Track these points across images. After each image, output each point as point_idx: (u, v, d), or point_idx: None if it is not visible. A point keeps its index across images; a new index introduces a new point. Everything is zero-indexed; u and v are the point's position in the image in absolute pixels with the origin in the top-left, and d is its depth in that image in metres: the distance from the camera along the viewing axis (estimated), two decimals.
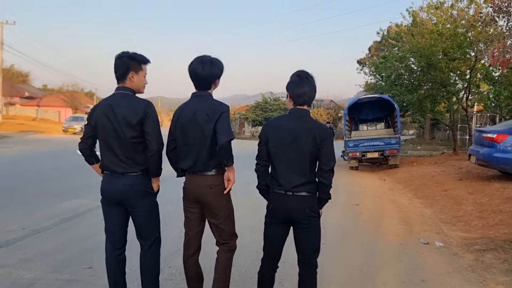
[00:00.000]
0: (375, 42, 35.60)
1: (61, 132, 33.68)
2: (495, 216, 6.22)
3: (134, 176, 2.88)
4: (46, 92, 60.39)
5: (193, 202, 2.95)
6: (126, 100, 2.86)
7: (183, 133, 2.88)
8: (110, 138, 2.85)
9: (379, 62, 21.03)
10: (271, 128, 2.84)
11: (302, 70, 2.87)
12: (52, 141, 24.23)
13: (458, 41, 15.32)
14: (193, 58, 2.93)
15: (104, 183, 2.98)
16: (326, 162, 2.72)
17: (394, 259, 4.64)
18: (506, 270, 4.18)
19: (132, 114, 2.80)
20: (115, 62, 2.91)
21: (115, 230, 3.00)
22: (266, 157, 2.85)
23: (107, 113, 2.84)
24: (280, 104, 45.22)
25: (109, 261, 3.01)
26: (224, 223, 2.95)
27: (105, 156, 2.92)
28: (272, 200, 2.85)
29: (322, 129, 2.78)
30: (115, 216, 2.99)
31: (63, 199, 7.10)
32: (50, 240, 4.80)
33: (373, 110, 15.77)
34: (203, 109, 2.82)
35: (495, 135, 8.55)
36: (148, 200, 2.98)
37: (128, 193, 2.87)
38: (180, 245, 4.59)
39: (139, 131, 2.83)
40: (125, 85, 2.92)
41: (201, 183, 2.87)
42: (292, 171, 2.74)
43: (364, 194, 9.29)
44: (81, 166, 12.10)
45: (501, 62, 5.14)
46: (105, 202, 3.01)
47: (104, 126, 2.85)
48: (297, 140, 2.72)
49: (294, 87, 2.80)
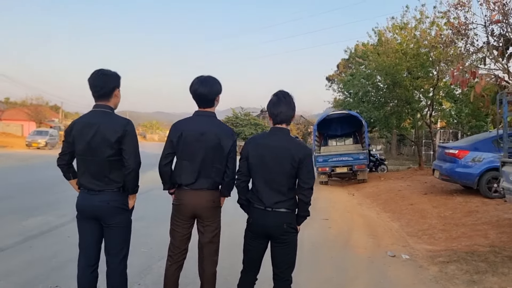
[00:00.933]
0: (343, 60, 36.53)
1: (24, 146, 32.51)
2: (458, 229, 6.48)
3: (111, 193, 2.88)
4: (9, 105, 58.27)
5: (189, 217, 3.05)
6: (106, 118, 2.87)
7: (187, 149, 2.97)
8: (87, 156, 2.85)
9: (347, 79, 21.65)
10: (252, 145, 2.92)
11: (281, 90, 2.97)
12: (15, 156, 23.35)
13: (421, 61, 15.98)
14: (193, 79, 3.07)
15: (80, 199, 2.94)
16: (305, 180, 2.80)
17: (362, 272, 4.75)
18: (468, 281, 4.35)
19: (111, 132, 2.81)
20: (99, 79, 2.89)
21: (90, 245, 2.97)
22: (246, 173, 2.92)
23: (85, 131, 2.83)
24: (250, 119, 45.42)
25: (81, 277, 2.96)
26: (215, 237, 3.11)
27: (82, 173, 2.91)
28: (252, 215, 2.92)
29: (301, 148, 2.84)
30: (90, 232, 2.96)
31: (26, 216, 6.85)
32: (15, 259, 4.63)
33: (342, 126, 16.14)
34: (212, 132, 2.97)
35: (456, 151, 8.96)
36: (123, 217, 2.97)
37: (105, 209, 2.87)
38: (149, 263, 4.56)
39: (117, 149, 2.84)
40: (107, 103, 2.93)
41: (202, 198, 2.99)
42: (271, 188, 2.81)
43: (334, 208, 9.45)
44: (45, 183, 11.73)
45: (460, 81, 5.42)
46: (80, 218, 2.97)
47: (82, 144, 2.84)
48: (276, 159, 2.79)
49: (272, 106, 2.90)
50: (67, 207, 7.67)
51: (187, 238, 3.13)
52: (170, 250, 3.14)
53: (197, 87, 3.02)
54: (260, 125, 45.19)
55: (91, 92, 2.92)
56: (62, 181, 3.05)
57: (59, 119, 53.26)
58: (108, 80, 2.91)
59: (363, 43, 21.86)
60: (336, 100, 27.72)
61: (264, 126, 46.30)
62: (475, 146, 8.95)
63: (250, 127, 43.40)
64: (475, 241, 5.70)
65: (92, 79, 2.90)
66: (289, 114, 2.89)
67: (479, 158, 8.61)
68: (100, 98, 2.92)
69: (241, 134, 41.04)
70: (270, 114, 2.92)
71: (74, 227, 5.89)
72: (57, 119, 52.23)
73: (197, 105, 3.09)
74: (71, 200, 2.96)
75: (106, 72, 2.93)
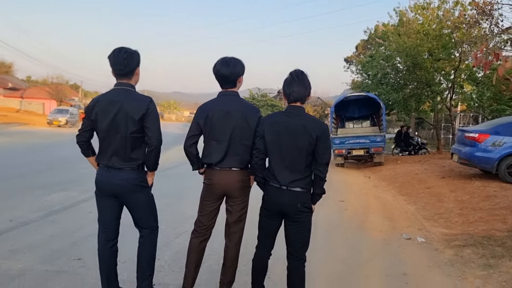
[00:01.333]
0: (362, 41, 35.85)
1: (45, 124, 33.18)
2: (475, 213, 6.42)
3: (130, 171, 2.95)
4: (30, 83, 59.24)
5: (219, 196, 3.14)
6: (129, 96, 2.92)
7: (214, 129, 3.04)
8: (110, 133, 2.90)
9: (366, 61, 21.27)
10: (268, 123, 2.95)
11: (295, 69, 2.97)
12: (37, 133, 23.88)
13: (443, 42, 15.59)
14: (217, 60, 3.14)
15: (99, 176, 3.01)
16: (322, 156, 2.81)
17: (377, 254, 4.78)
18: (484, 265, 4.35)
19: (135, 110, 2.87)
20: (122, 57, 2.90)
21: (109, 222, 3.06)
22: (263, 150, 2.95)
23: (109, 108, 2.88)
24: (267, 100, 45.31)
25: (102, 252, 3.06)
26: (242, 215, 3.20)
27: (103, 150, 2.97)
28: (268, 192, 2.96)
29: (318, 124, 2.86)
30: (109, 208, 3.04)
31: (49, 192, 7.07)
32: (38, 232, 4.80)
33: (359, 108, 15.97)
34: (238, 110, 3.04)
35: (477, 134, 8.79)
36: (143, 194, 3.05)
37: (124, 187, 2.94)
38: (168, 240, 4.68)
39: (140, 126, 2.90)
40: (129, 81, 2.98)
41: (232, 178, 3.06)
42: (287, 167, 2.84)
43: (350, 190, 9.46)
44: (67, 160, 12.01)
45: (483, 64, 5.27)
46: (99, 195, 3.04)
47: (105, 121, 2.89)
48: (292, 137, 2.81)
49: (286, 86, 2.93)
50: (88, 183, 7.84)
51: (215, 214, 3.22)
52: (197, 225, 3.23)
53: (220, 68, 3.08)
54: (277, 106, 45.04)
55: (113, 70, 2.95)
56: (83, 159, 3.13)
57: (79, 97, 54.00)
58: (131, 58, 2.94)
59: (384, 24, 21.35)
60: (354, 82, 27.31)
61: (281, 107, 46.07)
62: (496, 130, 8.75)
63: (267, 108, 43.31)
64: (492, 225, 5.65)
65: (114, 57, 2.92)
66: (301, 92, 2.89)
67: (500, 142, 8.44)
68: (122, 76, 2.96)
69: None
70: (284, 94, 2.97)
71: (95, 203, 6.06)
72: (77, 98, 52.96)
73: (220, 86, 3.16)
74: (92, 177, 3.04)
75: (129, 51, 2.94)
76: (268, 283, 3.34)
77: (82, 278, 3.53)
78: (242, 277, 3.64)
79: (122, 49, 2.93)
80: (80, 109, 45.54)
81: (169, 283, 3.52)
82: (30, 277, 3.52)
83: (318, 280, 3.77)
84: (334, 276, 3.98)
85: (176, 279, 3.56)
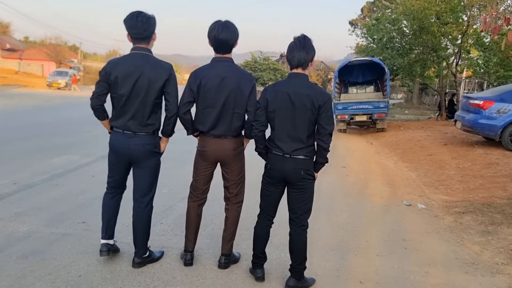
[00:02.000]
0: (368, 3, 34.97)
1: (45, 86, 32.97)
2: (476, 180, 6.45)
3: (145, 136, 3.00)
4: (28, 44, 58.23)
5: (212, 162, 3.15)
6: (150, 61, 2.93)
7: (207, 96, 2.99)
8: (130, 97, 2.92)
9: (371, 24, 20.76)
10: (270, 93, 2.90)
11: (301, 34, 2.88)
12: (37, 95, 23.76)
13: (452, 5, 15.16)
14: (211, 23, 3.02)
15: (114, 140, 3.04)
16: (325, 126, 2.78)
17: (377, 219, 4.84)
18: (483, 232, 4.41)
19: (158, 75, 2.89)
20: (141, 22, 2.88)
21: (118, 178, 3.17)
22: (264, 121, 2.93)
23: (132, 73, 2.88)
24: (269, 64, 44.57)
25: (106, 201, 3.20)
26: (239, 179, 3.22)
27: (120, 114, 2.98)
28: (270, 161, 2.95)
29: (321, 93, 2.81)
30: (120, 167, 3.13)
31: (52, 155, 7.10)
32: (42, 195, 4.85)
33: (364, 73, 15.75)
34: (233, 77, 2.97)
35: (482, 101, 8.69)
36: (155, 159, 3.11)
37: (139, 152, 3.00)
38: (171, 203, 4.74)
39: (161, 92, 2.94)
40: (147, 46, 2.98)
41: (224, 146, 3.06)
42: (290, 135, 2.82)
43: (352, 156, 9.48)
44: (68, 122, 11.99)
45: (492, 28, 5.13)
46: (113, 155, 3.10)
47: (126, 85, 2.89)
48: (295, 105, 2.77)
49: (288, 51, 2.87)
50: (90, 147, 7.92)
51: (209, 179, 3.24)
52: (192, 189, 3.27)
53: (219, 32, 2.97)
54: (280, 70, 44.42)
55: (130, 34, 2.93)
56: (85, 122, 3.15)
57: (78, 59, 53.27)
58: (149, 22, 2.93)
59: None
60: (358, 46, 26.79)
61: (283, 71, 45.49)
62: (502, 97, 8.65)
63: (269, 71, 42.70)
64: (492, 193, 5.69)
65: (132, 21, 2.89)
66: (302, 57, 2.81)
67: (505, 109, 8.36)
68: (141, 40, 2.95)
69: (260, 79, 40.48)
70: (287, 59, 2.91)
71: (98, 167, 6.11)
72: (76, 60, 52.27)
73: (215, 51, 3.06)
74: (94, 140, 3.06)
75: (147, 15, 2.93)
76: (270, 247, 3.39)
77: (87, 240, 3.59)
78: (245, 241, 3.70)
79: (141, 13, 2.91)
80: (80, 71, 45.05)
81: (173, 247, 3.58)
82: (36, 239, 3.58)
83: (319, 245, 3.83)
84: (335, 240, 4.04)
85: (179, 243, 3.61)
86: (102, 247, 3.15)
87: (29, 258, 3.20)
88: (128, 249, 3.38)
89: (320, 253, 3.67)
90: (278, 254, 3.54)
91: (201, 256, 3.43)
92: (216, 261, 3.30)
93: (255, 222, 3.14)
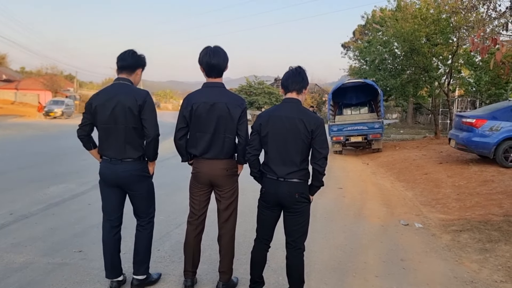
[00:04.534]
0: (360, 26, 35.68)
1: (41, 116, 33.05)
2: (472, 198, 6.48)
3: (132, 162, 3.06)
4: (24, 75, 58.64)
5: (206, 185, 3.19)
6: (127, 89, 3.03)
7: (199, 121, 3.06)
8: (110, 126, 3.00)
9: (364, 47, 21.16)
10: (264, 117, 2.98)
11: (297, 66, 3.02)
12: (33, 125, 23.81)
13: (441, 26, 15.50)
14: (202, 49, 3.13)
15: (103, 168, 3.12)
16: (319, 149, 2.84)
17: (375, 240, 4.83)
18: (480, 249, 4.41)
19: (133, 102, 2.97)
20: (128, 53, 3.09)
21: (113, 210, 3.18)
22: (257, 146, 2.99)
23: (109, 101, 2.98)
24: (264, 88, 45.06)
25: (106, 239, 3.18)
26: (232, 204, 3.23)
27: (105, 142, 3.07)
28: (265, 185, 2.99)
29: (313, 117, 2.88)
30: (113, 197, 3.16)
31: (48, 184, 7.09)
32: (39, 225, 4.83)
33: (357, 95, 15.93)
34: (223, 102, 3.04)
35: (474, 120, 8.81)
36: (145, 183, 3.18)
37: (127, 178, 3.06)
38: (168, 230, 4.72)
39: (138, 118, 3.01)
40: (129, 77, 3.11)
41: (216, 167, 3.10)
42: (284, 159, 2.87)
43: (348, 177, 9.50)
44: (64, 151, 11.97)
45: (480, 49, 5.26)
46: (104, 185, 3.15)
47: (104, 114, 2.99)
48: (288, 130, 2.84)
49: (284, 78, 3.00)
50: (87, 175, 7.91)
51: (205, 204, 3.26)
52: (190, 216, 3.28)
53: (210, 58, 3.06)
54: (274, 94, 44.84)
55: (117, 64, 3.10)
56: (81, 151, 3.19)
57: (74, 88, 53.63)
58: (136, 57, 3.14)
59: (381, 9, 21.24)
60: (351, 68, 27.20)
61: (278, 95, 45.89)
62: (494, 115, 8.78)
63: (264, 95, 43.12)
64: (489, 210, 5.71)
65: (121, 53, 3.11)
66: (298, 82, 2.94)
67: (497, 127, 8.48)
68: (123, 70, 3.10)
69: (255, 103, 40.83)
70: (282, 86, 3.03)
71: (95, 195, 6.10)
72: (72, 89, 52.60)
73: (207, 76, 3.14)
74: (91, 169, 3.10)
75: (136, 52, 3.15)
76: (268, 271, 3.39)
77: (84, 269, 3.57)
78: (242, 266, 3.69)
79: (132, 50, 3.13)
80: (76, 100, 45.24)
81: (170, 273, 3.56)
82: (33, 269, 3.55)
83: (317, 267, 3.82)
84: (333, 262, 4.03)
85: (176, 269, 3.61)
86: (112, 284, 3.19)
87: None
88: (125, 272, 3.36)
89: (318, 276, 3.66)
90: (276, 278, 3.53)
91: (199, 281, 3.41)
92: (214, 286, 3.29)
93: (251, 246, 3.15)
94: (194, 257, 3.27)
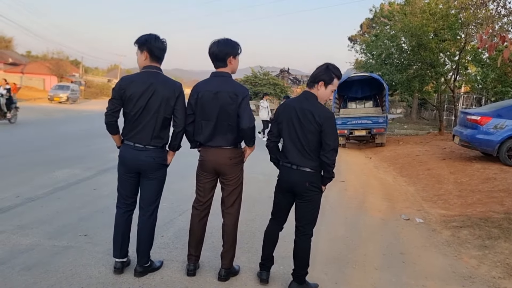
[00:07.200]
0: (367, 19, 35.38)
1: (46, 100, 33.17)
2: (474, 195, 6.51)
3: (155, 150, 3.15)
4: (30, 59, 58.63)
5: (211, 173, 3.26)
6: (161, 79, 3.13)
7: (203, 109, 3.16)
8: (143, 113, 3.08)
9: (371, 40, 21.04)
10: (282, 108, 3.18)
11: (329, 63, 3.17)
12: (39, 109, 23.91)
13: (450, 22, 15.39)
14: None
15: (125, 152, 3.19)
16: (328, 141, 2.93)
17: (376, 233, 4.89)
18: (480, 246, 4.45)
19: (172, 93, 3.09)
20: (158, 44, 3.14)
21: (129, 193, 3.27)
22: (276, 133, 3.18)
23: (146, 89, 3.06)
24: (269, 79, 44.96)
25: (119, 220, 3.28)
26: (235, 191, 3.29)
27: (132, 128, 3.13)
28: (280, 171, 3.18)
29: (323, 111, 2.99)
30: (131, 181, 3.24)
31: (54, 168, 7.16)
32: (45, 208, 4.90)
33: (362, 89, 15.90)
34: (225, 91, 3.11)
35: (479, 117, 8.80)
36: (162, 171, 3.27)
37: (150, 164, 3.15)
38: (172, 217, 4.79)
39: (172, 109, 3.13)
40: (158, 65, 3.19)
41: (221, 155, 3.18)
42: (298, 148, 3.01)
43: (350, 171, 9.54)
44: (69, 136, 12.08)
45: (488, 46, 5.25)
46: (123, 169, 3.22)
47: (139, 102, 3.06)
48: (301, 120, 2.99)
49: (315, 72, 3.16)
50: (92, 160, 8.00)
51: (209, 191, 3.33)
52: (195, 202, 3.37)
53: (211, 46, 3.22)
54: (279, 85, 44.76)
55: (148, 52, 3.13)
56: (86, 136, 3.25)
57: (80, 73, 53.66)
58: (166, 46, 3.22)
59: (390, 2, 21.08)
60: (357, 62, 27.09)
61: (283, 86, 45.80)
62: (499, 112, 8.76)
63: (269, 86, 43.01)
64: (490, 207, 5.74)
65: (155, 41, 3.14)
66: (312, 76, 3.13)
67: (502, 125, 8.46)
68: (157, 59, 3.18)
69: (260, 94, 40.71)
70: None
71: (100, 180, 6.18)
72: (77, 74, 52.64)
73: (214, 66, 3.26)
74: (95, 154, 3.16)
75: (163, 40, 3.21)
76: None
77: (89, 253, 3.64)
78: (244, 254, 3.75)
79: (159, 37, 3.18)
80: (81, 85, 45.29)
81: (173, 259, 3.62)
82: (39, 251, 3.62)
83: (317, 258, 3.87)
84: (333, 254, 4.09)
85: (179, 256, 3.67)
86: (117, 265, 3.27)
87: (32, 270, 3.25)
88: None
89: (319, 266, 3.72)
90: (277, 267, 3.58)
91: (201, 268, 3.47)
92: (216, 273, 3.35)
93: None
94: (198, 241, 3.34)
